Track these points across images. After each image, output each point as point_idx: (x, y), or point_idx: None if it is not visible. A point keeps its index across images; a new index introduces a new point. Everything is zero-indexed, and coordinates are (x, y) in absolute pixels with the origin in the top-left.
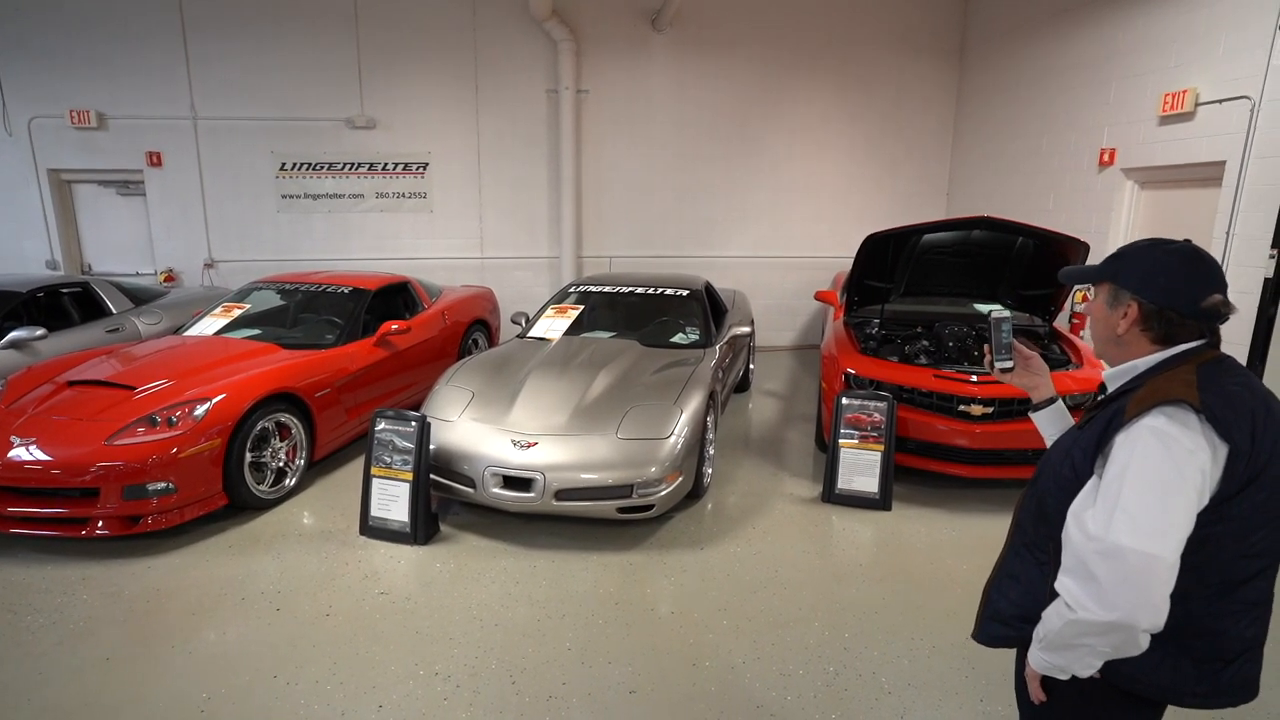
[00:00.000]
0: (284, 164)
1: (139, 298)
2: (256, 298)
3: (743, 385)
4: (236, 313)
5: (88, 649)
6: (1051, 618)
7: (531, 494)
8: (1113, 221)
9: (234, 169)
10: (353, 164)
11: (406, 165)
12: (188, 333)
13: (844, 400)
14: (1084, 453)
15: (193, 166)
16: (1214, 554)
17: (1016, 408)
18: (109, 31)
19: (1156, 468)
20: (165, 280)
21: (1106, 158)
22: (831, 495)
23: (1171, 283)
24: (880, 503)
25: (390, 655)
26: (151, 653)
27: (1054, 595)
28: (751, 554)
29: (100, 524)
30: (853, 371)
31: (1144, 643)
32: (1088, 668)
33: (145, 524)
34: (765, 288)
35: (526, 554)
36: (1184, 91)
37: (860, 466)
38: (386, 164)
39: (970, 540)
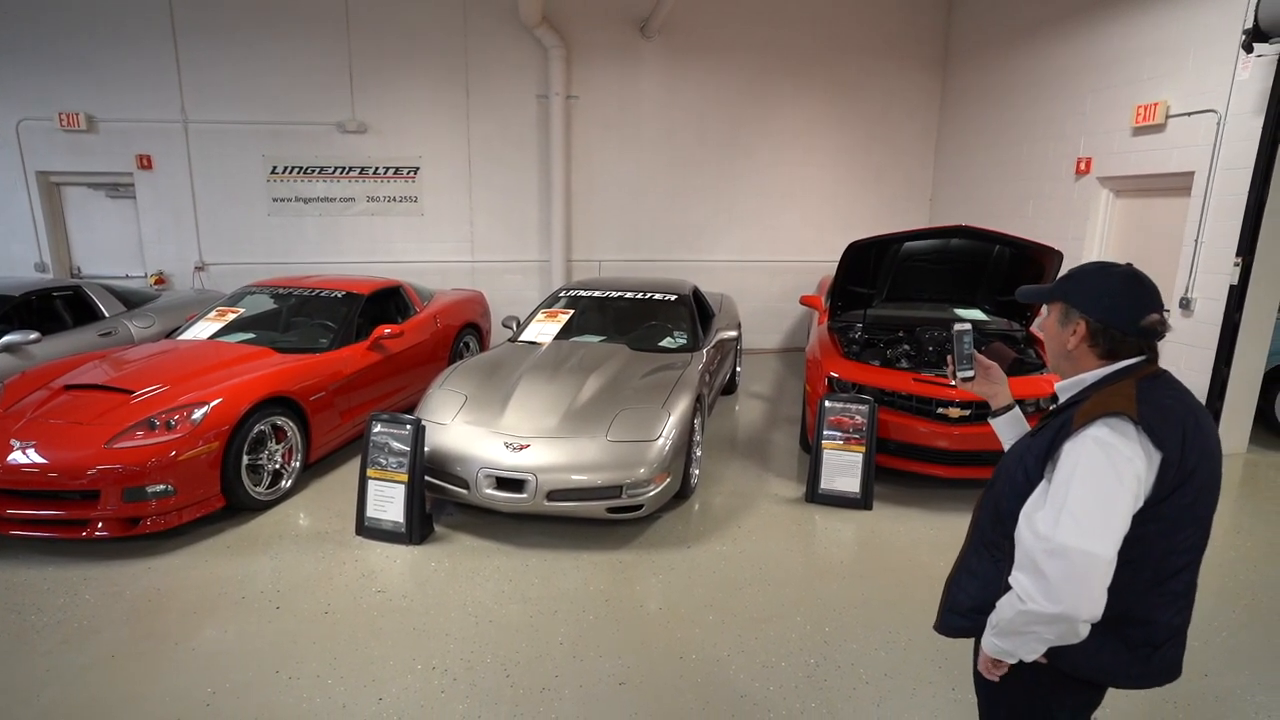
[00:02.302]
0: (275, 167)
1: (131, 301)
2: (250, 302)
3: (729, 388)
4: (230, 317)
5: (92, 647)
6: (1004, 607)
7: (524, 495)
8: (1089, 229)
9: (225, 172)
10: (344, 168)
11: (398, 169)
12: (182, 337)
13: (827, 403)
14: (1035, 459)
15: (183, 169)
16: (1146, 551)
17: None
18: (99, 34)
19: (1099, 474)
20: (156, 283)
21: (1083, 166)
22: (815, 495)
23: (1115, 303)
24: (862, 502)
25: (388, 651)
26: (155, 651)
27: (1008, 588)
28: (737, 552)
29: (100, 526)
30: (836, 375)
31: (1083, 632)
32: (1033, 653)
33: (144, 525)
34: (752, 291)
35: (519, 553)
36: (1155, 104)
37: (842, 467)
38: (378, 168)
39: (947, 538)
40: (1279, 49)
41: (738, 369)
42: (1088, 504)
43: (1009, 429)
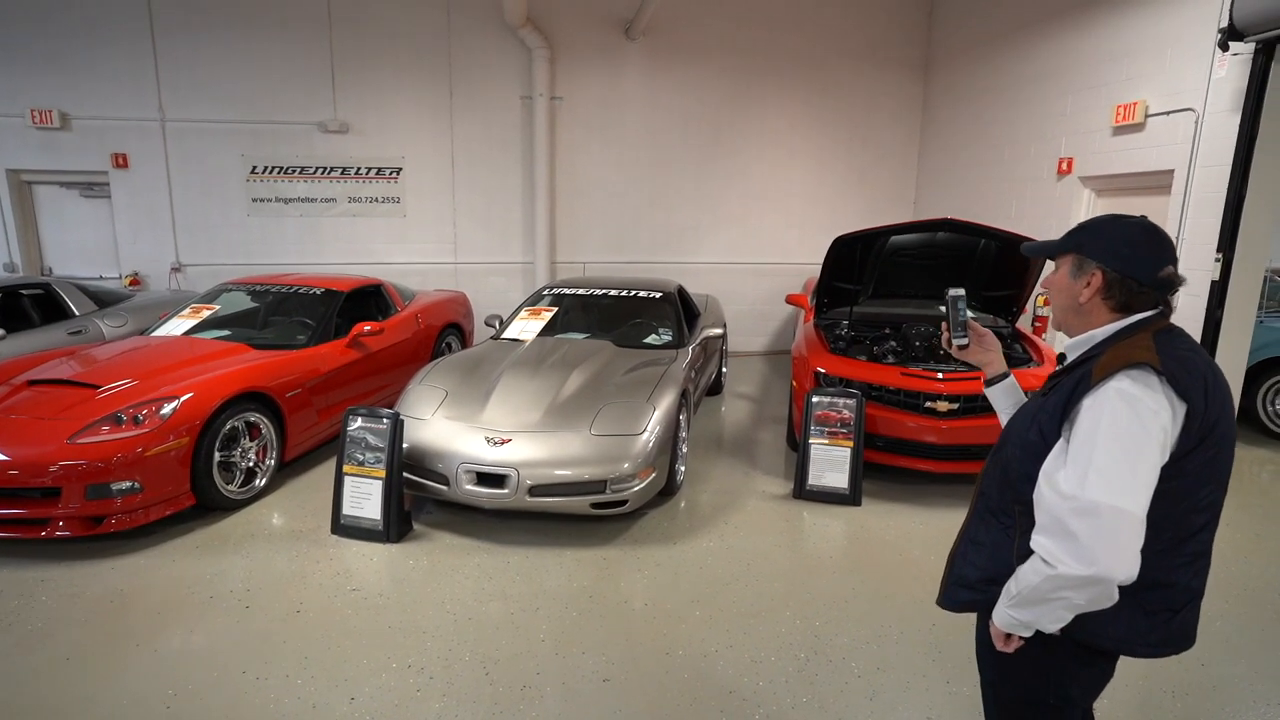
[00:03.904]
0: (254, 167)
1: (103, 300)
2: (226, 299)
3: (715, 388)
4: (205, 314)
5: (46, 649)
6: (1028, 574)
7: (505, 490)
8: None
9: (203, 172)
10: (325, 168)
11: (380, 170)
12: (155, 334)
13: (814, 398)
14: (1050, 417)
15: (160, 169)
16: (1169, 509)
17: (981, 404)
18: (73, 29)
19: (1125, 427)
20: (131, 284)
21: (1065, 166)
22: (802, 491)
23: (1134, 252)
24: (850, 498)
25: (362, 649)
26: (114, 652)
27: (1021, 557)
28: (724, 548)
29: (61, 524)
30: (823, 370)
31: (1116, 595)
32: (1057, 621)
33: (109, 524)
34: (737, 294)
35: (500, 550)
36: (1135, 103)
37: (830, 463)
38: (359, 168)
39: (938, 533)
40: (1254, 47)
41: (724, 369)
42: (1116, 458)
43: (1005, 398)
